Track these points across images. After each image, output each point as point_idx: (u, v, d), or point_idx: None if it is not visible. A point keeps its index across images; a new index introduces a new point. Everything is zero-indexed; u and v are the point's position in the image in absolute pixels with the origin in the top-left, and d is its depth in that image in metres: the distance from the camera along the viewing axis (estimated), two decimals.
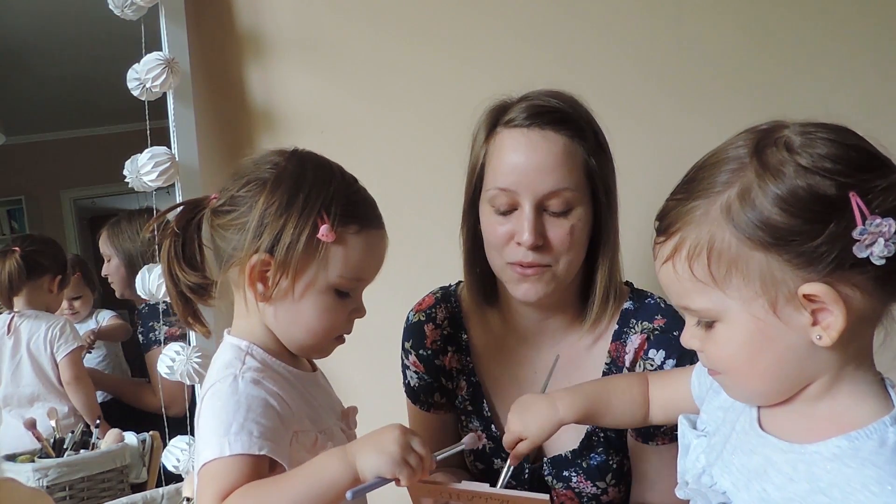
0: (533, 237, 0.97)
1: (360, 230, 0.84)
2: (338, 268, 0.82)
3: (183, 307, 0.89)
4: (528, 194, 0.98)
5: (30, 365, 1.69)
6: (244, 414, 0.75)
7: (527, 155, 0.98)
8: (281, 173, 0.83)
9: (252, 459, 0.74)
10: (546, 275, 1.01)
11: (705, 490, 0.71)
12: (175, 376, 1.36)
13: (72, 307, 1.86)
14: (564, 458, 1.09)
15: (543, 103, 1.00)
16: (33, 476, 1.43)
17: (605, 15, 1.50)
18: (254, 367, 0.81)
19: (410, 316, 1.18)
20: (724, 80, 1.49)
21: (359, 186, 0.88)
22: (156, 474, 1.57)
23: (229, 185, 0.86)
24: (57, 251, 1.82)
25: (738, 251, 0.62)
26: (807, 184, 0.60)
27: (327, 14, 1.54)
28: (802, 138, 0.62)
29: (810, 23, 1.49)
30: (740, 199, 0.62)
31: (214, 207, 0.86)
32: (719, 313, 0.65)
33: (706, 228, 0.64)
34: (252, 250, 0.81)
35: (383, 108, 1.53)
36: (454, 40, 1.52)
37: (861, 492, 0.58)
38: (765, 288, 0.62)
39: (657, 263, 0.69)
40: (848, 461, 0.60)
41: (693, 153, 1.60)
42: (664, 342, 1.03)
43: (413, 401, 1.18)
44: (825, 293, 0.60)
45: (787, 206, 0.60)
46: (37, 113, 1.96)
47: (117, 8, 1.41)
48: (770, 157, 0.62)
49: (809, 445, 0.63)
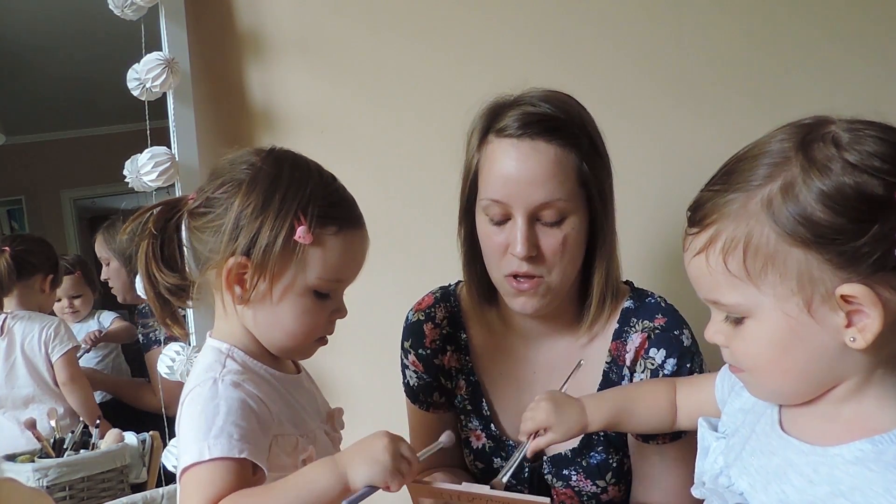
0: (525, 249, 0.97)
1: (339, 231, 0.82)
2: (316, 270, 0.81)
3: (161, 309, 0.88)
4: (521, 206, 0.97)
5: (24, 366, 1.68)
6: (224, 417, 0.74)
7: (517, 168, 0.97)
8: (257, 174, 0.82)
9: (234, 464, 0.73)
10: (541, 287, 1.01)
11: (722, 490, 0.70)
12: (175, 376, 1.36)
13: (72, 306, 1.86)
14: (564, 457, 1.09)
15: (535, 110, 0.99)
16: (33, 476, 1.43)
17: (605, 14, 1.50)
18: (234, 371, 0.80)
19: (410, 315, 1.18)
20: (724, 79, 1.49)
21: (337, 185, 0.86)
22: (156, 474, 1.57)
23: (206, 185, 0.85)
24: (47, 250, 1.81)
25: (776, 247, 0.61)
26: (854, 181, 0.58)
27: (327, 14, 1.54)
28: (851, 135, 0.61)
29: (811, 23, 1.49)
30: (783, 193, 0.60)
31: (191, 209, 0.85)
32: (750, 309, 0.64)
33: (744, 222, 0.62)
34: (228, 253, 0.80)
35: (383, 108, 1.53)
36: (454, 40, 1.52)
37: (884, 496, 0.57)
38: (801, 286, 0.60)
39: (688, 255, 0.67)
40: (871, 465, 0.59)
41: (693, 153, 1.61)
42: (665, 341, 1.03)
43: (412, 400, 1.18)
44: (864, 295, 0.58)
45: (833, 203, 0.58)
46: (37, 113, 1.96)
47: (117, 8, 1.41)
48: (817, 152, 0.60)
49: (832, 448, 0.62)
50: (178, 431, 0.78)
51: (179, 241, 0.88)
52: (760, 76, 1.48)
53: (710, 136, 1.46)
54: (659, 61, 1.49)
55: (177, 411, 0.80)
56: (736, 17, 1.49)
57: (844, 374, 0.63)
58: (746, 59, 1.49)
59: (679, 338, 1.04)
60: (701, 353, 1.06)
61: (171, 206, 0.88)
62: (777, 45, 1.48)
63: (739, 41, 1.49)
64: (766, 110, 1.45)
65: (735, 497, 0.68)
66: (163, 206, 0.88)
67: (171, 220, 0.87)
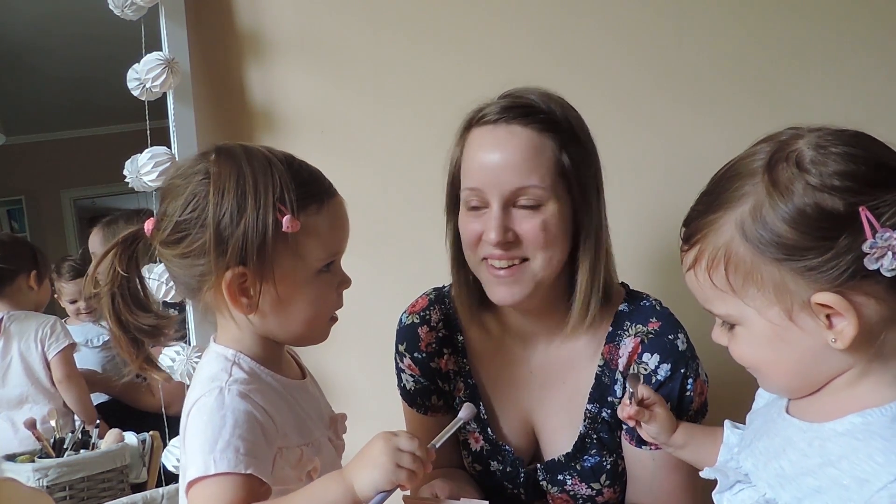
0: (498, 234, 0.96)
1: (320, 207, 0.80)
2: (312, 251, 0.80)
3: (136, 354, 0.84)
4: (496, 192, 0.97)
5: (20, 366, 1.69)
6: (230, 430, 0.73)
7: (492, 152, 0.97)
8: (217, 179, 0.78)
9: (241, 478, 0.72)
10: (526, 274, 0.99)
11: (727, 469, 0.75)
12: (175, 376, 1.35)
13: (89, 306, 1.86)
14: (558, 462, 1.08)
15: (517, 98, 0.99)
16: (33, 476, 1.43)
17: (606, 14, 1.50)
18: (241, 380, 0.78)
19: (403, 318, 1.16)
20: (725, 79, 1.48)
21: (298, 162, 0.83)
22: (156, 474, 1.57)
23: (167, 210, 0.80)
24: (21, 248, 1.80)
25: (752, 264, 0.65)
26: (814, 202, 0.62)
27: (327, 14, 1.54)
28: (815, 153, 0.64)
29: (813, 21, 1.48)
30: (752, 215, 0.64)
31: (162, 240, 0.81)
32: (739, 318, 0.68)
33: (722, 241, 0.67)
34: (222, 268, 0.77)
35: (383, 108, 1.53)
36: (454, 40, 1.52)
37: (866, 461, 0.61)
38: (779, 297, 0.64)
39: (683, 269, 0.73)
40: (858, 434, 0.63)
41: (693, 153, 1.61)
42: (658, 346, 1.02)
43: (409, 404, 1.17)
44: (837, 302, 0.62)
45: (796, 223, 0.62)
46: (37, 113, 1.96)
47: (117, 8, 1.41)
48: (780, 173, 0.64)
49: (826, 423, 0.66)
50: (184, 440, 0.77)
51: (141, 278, 0.84)
52: (762, 76, 1.48)
53: (711, 135, 1.46)
54: (660, 61, 1.49)
55: (177, 411, 0.79)
56: (737, 16, 1.49)
57: (839, 369, 0.66)
58: (747, 58, 1.48)
59: (674, 342, 1.02)
60: (698, 358, 1.05)
61: (129, 242, 0.84)
62: (779, 43, 1.48)
63: (741, 40, 1.49)
64: (767, 110, 1.44)
65: (739, 476, 0.73)
66: (121, 244, 0.84)
67: (132, 256, 0.84)
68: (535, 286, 1.00)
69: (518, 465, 1.10)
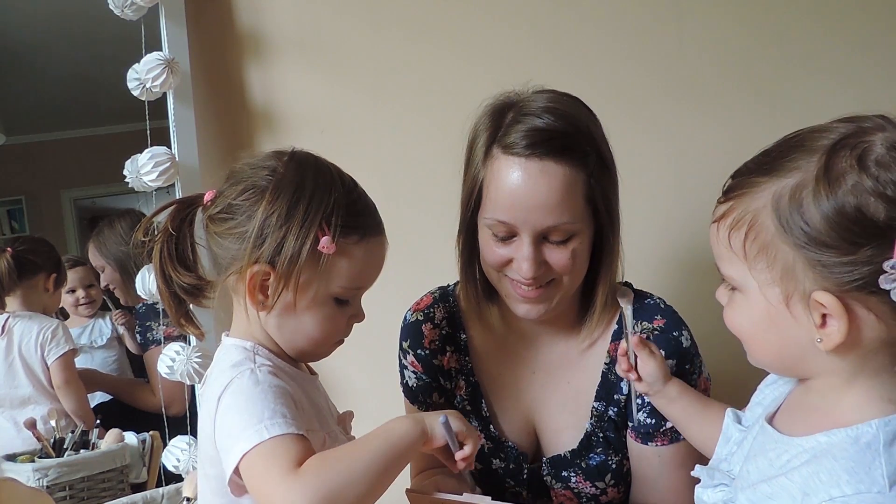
0: (532, 271, 0.96)
1: (361, 239, 0.83)
2: (339, 278, 0.82)
3: (176, 308, 0.88)
4: (527, 229, 0.96)
5: (22, 367, 1.68)
6: (273, 400, 0.74)
7: (525, 191, 0.94)
8: (280, 181, 0.81)
9: (297, 437, 0.72)
10: (553, 292, 1.00)
11: (714, 471, 0.76)
12: (175, 376, 1.36)
13: (88, 295, 1.86)
14: (563, 459, 1.08)
15: (543, 125, 0.94)
16: (33, 476, 1.43)
17: (606, 13, 1.50)
18: (266, 364, 0.80)
19: (408, 315, 1.17)
20: (726, 79, 1.48)
21: (359, 192, 0.86)
22: (156, 474, 1.57)
23: (226, 190, 0.85)
24: (49, 250, 1.81)
25: (772, 238, 0.64)
26: (857, 203, 0.59)
27: (327, 14, 1.54)
28: (886, 152, 0.60)
29: (818, 23, 1.48)
30: (792, 193, 0.63)
31: (211, 214, 0.85)
32: (741, 285, 0.68)
33: (754, 206, 0.65)
34: (252, 260, 0.80)
35: (383, 107, 1.53)
36: (454, 40, 1.52)
37: (813, 477, 0.61)
38: (784, 279, 0.64)
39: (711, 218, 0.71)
40: (818, 451, 0.63)
41: (695, 153, 1.61)
42: (663, 342, 1.03)
43: (411, 401, 1.18)
44: (833, 305, 0.61)
45: (829, 217, 0.60)
46: (37, 113, 1.96)
47: (117, 8, 1.41)
48: (838, 161, 0.61)
49: (797, 438, 0.66)
50: (216, 427, 0.77)
51: (192, 240, 0.88)
52: (766, 77, 1.48)
53: (714, 136, 1.46)
54: (663, 62, 1.49)
55: (177, 411, 0.80)
56: (742, 18, 1.49)
57: (820, 370, 0.66)
58: (752, 60, 1.48)
59: (678, 339, 1.03)
60: (701, 356, 1.06)
61: (186, 205, 0.88)
62: (782, 46, 1.48)
63: (742, 40, 1.49)
64: (772, 112, 1.44)
65: (724, 477, 0.74)
66: (178, 204, 0.88)
67: (185, 218, 0.87)
68: (559, 302, 1.02)
69: (522, 462, 1.11)
